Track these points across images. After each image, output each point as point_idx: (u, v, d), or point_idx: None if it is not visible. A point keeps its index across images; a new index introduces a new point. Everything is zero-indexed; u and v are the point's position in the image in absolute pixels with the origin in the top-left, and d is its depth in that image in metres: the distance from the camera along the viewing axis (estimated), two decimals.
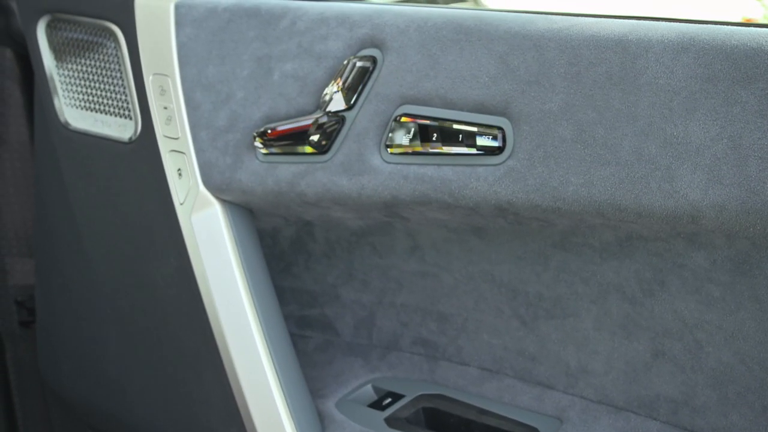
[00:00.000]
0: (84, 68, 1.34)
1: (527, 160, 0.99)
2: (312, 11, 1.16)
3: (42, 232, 1.52)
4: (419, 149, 1.06)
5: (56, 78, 1.39)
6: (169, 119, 1.24)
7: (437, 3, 1.72)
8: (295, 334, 1.31)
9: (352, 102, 1.11)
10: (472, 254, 1.16)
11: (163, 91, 1.24)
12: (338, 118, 1.12)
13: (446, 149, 1.05)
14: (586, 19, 0.98)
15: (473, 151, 1.03)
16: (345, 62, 1.11)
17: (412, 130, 1.07)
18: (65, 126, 1.38)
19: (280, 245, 1.31)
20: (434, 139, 1.06)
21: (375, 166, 1.09)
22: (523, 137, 0.99)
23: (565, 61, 0.97)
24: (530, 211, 1.00)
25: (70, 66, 1.36)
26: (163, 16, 1.24)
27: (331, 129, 1.12)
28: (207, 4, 1.23)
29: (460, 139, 1.04)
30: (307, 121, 1.14)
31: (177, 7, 1.23)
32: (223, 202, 1.22)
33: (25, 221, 1.73)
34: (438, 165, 1.05)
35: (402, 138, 1.08)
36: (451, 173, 1.04)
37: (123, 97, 1.30)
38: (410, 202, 1.07)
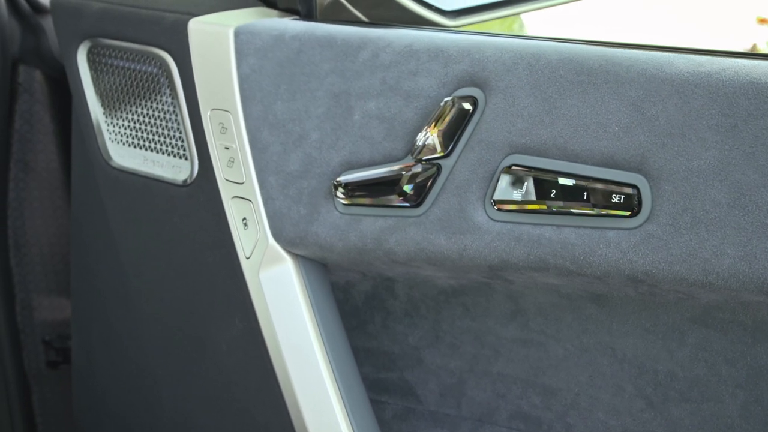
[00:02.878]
0: (131, 100, 1.20)
1: (670, 225, 0.85)
2: (397, 42, 1.01)
3: (80, 275, 1.38)
4: (534, 207, 0.93)
5: (99, 110, 1.25)
6: (231, 161, 1.10)
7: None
8: (370, 399, 1.18)
9: (449, 149, 0.97)
10: (588, 323, 1.03)
11: (223, 129, 1.10)
12: (433, 166, 0.98)
13: (568, 208, 0.91)
14: (741, 61, 0.84)
15: (602, 211, 0.89)
16: (442, 103, 0.97)
17: (525, 184, 0.93)
18: (109, 163, 1.24)
19: (353, 300, 1.17)
20: (552, 196, 0.92)
21: (479, 224, 0.95)
22: (665, 198, 0.85)
23: (716, 111, 0.83)
24: (673, 284, 0.86)
25: (114, 97, 1.22)
26: (220, 43, 1.10)
27: (425, 179, 0.98)
28: (271, 30, 1.09)
29: (585, 197, 0.90)
30: (395, 168, 1.00)
31: (237, 34, 1.09)
32: (295, 256, 1.08)
33: (54, 255, 1.61)
34: (557, 226, 0.91)
35: (512, 193, 0.94)
36: (574, 236, 0.90)
37: (177, 134, 1.16)
38: (522, 267, 0.93)
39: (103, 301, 1.34)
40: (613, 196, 0.88)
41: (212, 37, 1.11)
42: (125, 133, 1.22)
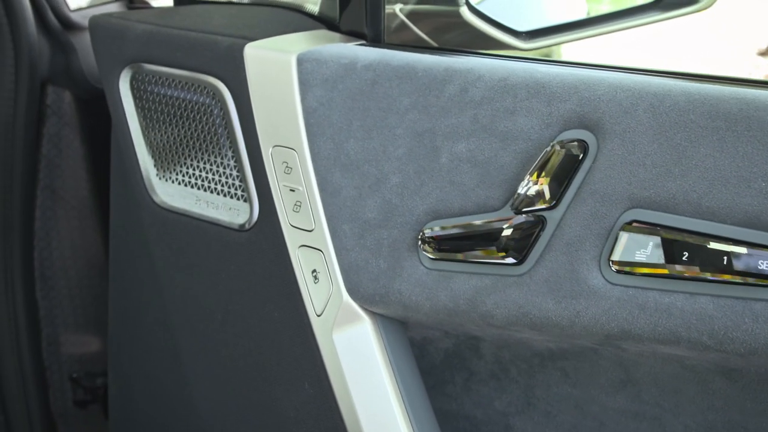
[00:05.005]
0: (180, 133, 1.09)
1: None
2: (489, 76, 0.90)
3: (120, 321, 1.27)
4: (662, 271, 0.81)
5: (143, 143, 1.13)
6: (297, 205, 0.99)
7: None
8: None
9: (556, 199, 0.86)
10: (716, 399, 0.91)
11: (288, 169, 0.99)
12: (537, 219, 0.87)
13: (704, 274, 0.79)
14: None
15: (747, 280, 0.78)
16: (548, 147, 0.86)
17: (650, 244, 0.82)
18: (155, 202, 1.12)
19: (431, 358, 1.06)
20: (685, 259, 0.80)
21: (595, 287, 0.84)
22: None
23: None
24: None
25: (161, 129, 1.11)
26: (282, 71, 0.98)
27: (529, 233, 0.87)
28: (340, 58, 0.97)
29: (726, 261, 0.78)
30: (492, 220, 0.89)
31: (300, 62, 0.98)
32: (373, 315, 0.97)
33: (82, 288, 1.52)
34: (691, 294, 0.80)
35: (634, 253, 0.82)
36: (712, 307, 0.79)
37: (233, 173, 1.05)
38: (647, 339, 0.82)
39: (146, 352, 1.23)
40: (760, 262, 0.77)
41: (272, 64, 1.00)
42: (174, 170, 1.11)
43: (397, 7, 1.21)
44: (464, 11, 1.21)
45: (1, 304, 1.46)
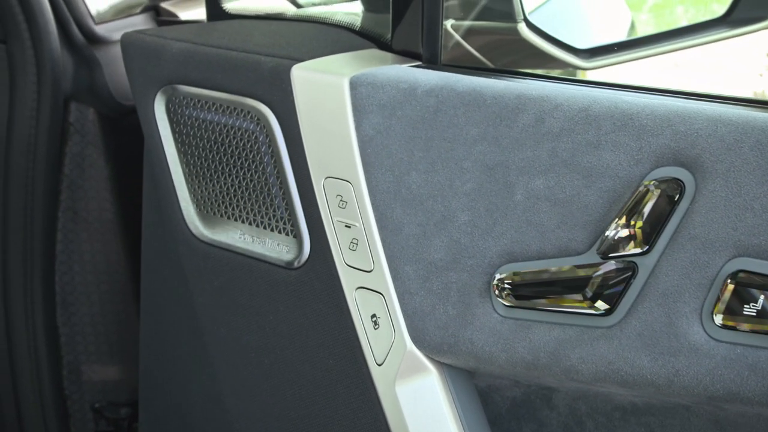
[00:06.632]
0: (222, 161, 1.01)
1: None
2: (568, 105, 0.82)
3: (153, 356, 1.19)
4: None
5: (181, 171, 1.05)
6: (354, 243, 0.91)
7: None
8: None
9: (649, 244, 0.78)
10: None
11: (342, 203, 0.91)
12: (628, 265, 0.79)
13: None
14: None
15: None
16: (640, 186, 0.78)
17: (761, 297, 0.74)
18: (194, 235, 1.04)
19: (495, 406, 0.98)
20: None
21: (696, 343, 0.76)
22: None
23: None
24: None
25: (201, 156, 1.03)
26: (334, 96, 0.90)
27: (618, 281, 0.79)
28: (398, 82, 0.89)
29: None
30: (576, 265, 0.81)
31: (354, 86, 0.89)
32: (440, 365, 0.89)
33: (105, 314, 1.45)
34: None
35: (741, 307, 0.75)
36: None
37: (281, 206, 0.97)
38: (759, 403, 0.74)
39: (183, 393, 1.15)
40: None
41: (323, 88, 0.91)
42: (215, 201, 1.03)
43: (449, 24, 1.14)
44: (521, 27, 1.13)
45: (21, 330, 1.40)
